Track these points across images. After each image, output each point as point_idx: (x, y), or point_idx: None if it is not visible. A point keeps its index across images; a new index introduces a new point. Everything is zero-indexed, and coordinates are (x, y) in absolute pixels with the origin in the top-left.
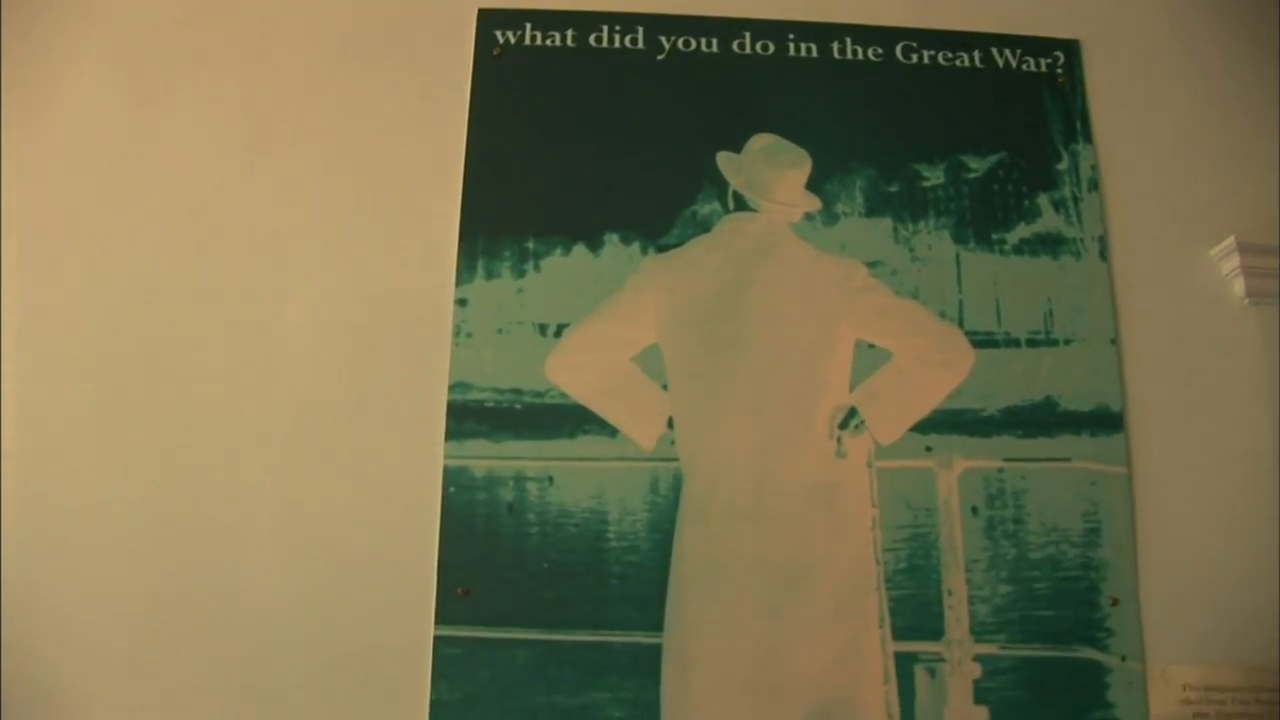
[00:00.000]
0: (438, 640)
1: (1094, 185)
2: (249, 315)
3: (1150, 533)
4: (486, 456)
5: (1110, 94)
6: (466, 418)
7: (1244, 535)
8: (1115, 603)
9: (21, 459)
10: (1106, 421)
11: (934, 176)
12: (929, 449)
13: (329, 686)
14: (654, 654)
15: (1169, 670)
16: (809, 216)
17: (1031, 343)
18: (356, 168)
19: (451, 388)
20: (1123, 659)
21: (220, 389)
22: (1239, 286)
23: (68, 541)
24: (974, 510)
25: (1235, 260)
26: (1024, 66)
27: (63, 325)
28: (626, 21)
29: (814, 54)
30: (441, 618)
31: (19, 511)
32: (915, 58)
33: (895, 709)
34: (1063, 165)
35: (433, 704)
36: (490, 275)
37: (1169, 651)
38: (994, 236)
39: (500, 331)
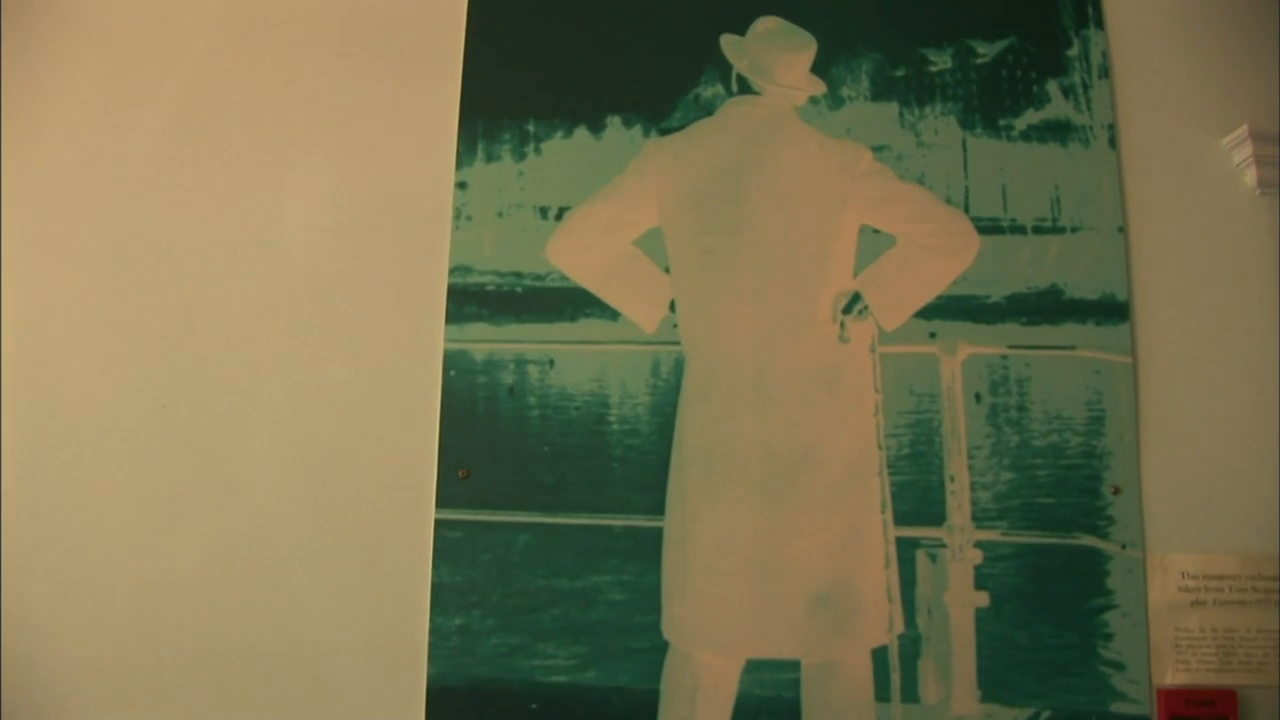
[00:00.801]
0: (439, 524)
1: (1104, 72)
2: (250, 202)
3: (1153, 422)
4: (487, 340)
5: None
6: (467, 301)
7: (1246, 427)
8: (1117, 491)
9: (23, 340)
10: (1112, 310)
11: (941, 61)
12: (933, 335)
13: (331, 570)
14: (655, 537)
15: (1168, 558)
16: (813, 100)
17: (1038, 230)
18: (356, 51)
19: (452, 271)
20: (1123, 547)
21: (222, 276)
22: (1250, 176)
23: (70, 427)
24: (977, 397)
25: (1247, 150)
26: None
27: (65, 211)
28: None
29: None
30: (442, 501)
31: (21, 398)
32: None
33: (896, 594)
34: (1073, 51)
35: (434, 587)
36: (490, 158)
37: (1168, 540)
38: (1001, 123)
39: (500, 215)
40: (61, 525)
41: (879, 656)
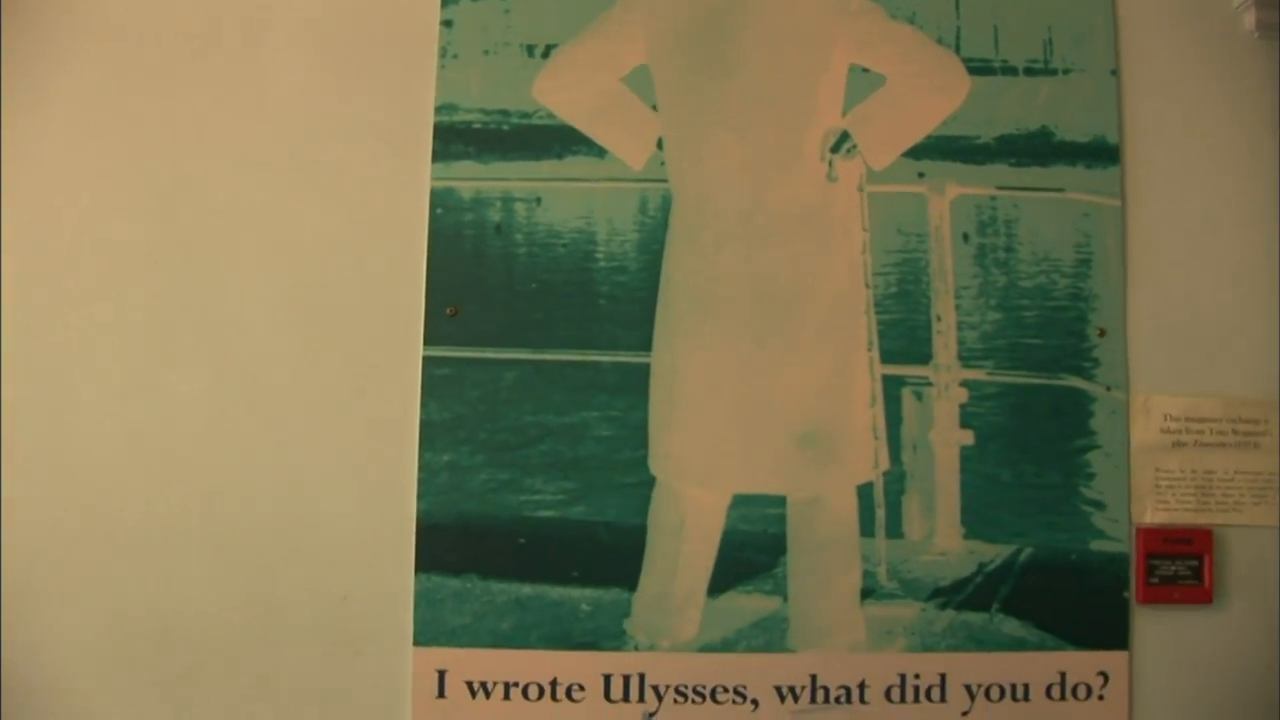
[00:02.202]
0: (427, 360)
1: None
2: (232, 43)
3: (1140, 266)
4: (474, 178)
5: None
6: (453, 139)
7: (1233, 272)
8: (1102, 334)
9: (12, 185)
10: (1103, 153)
11: None
12: (921, 175)
13: (321, 410)
14: (642, 373)
15: (1151, 400)
16: None
17: (1029, 71)
18: None
19: (438, 109)
20: (1107, 389)
21: (205, 119)
22: (1249, 19)
23: (56, 277)
24: (965, 237)
25: None
26: None
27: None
28: None
29: None
30: (430, 338)
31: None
32: None
33: (881, 431)
34: None
35: (423, 424)
36: None
37: (1152, 382)
38: None
39: (487, 53)
40: (52, 378)
41: (864, 493)
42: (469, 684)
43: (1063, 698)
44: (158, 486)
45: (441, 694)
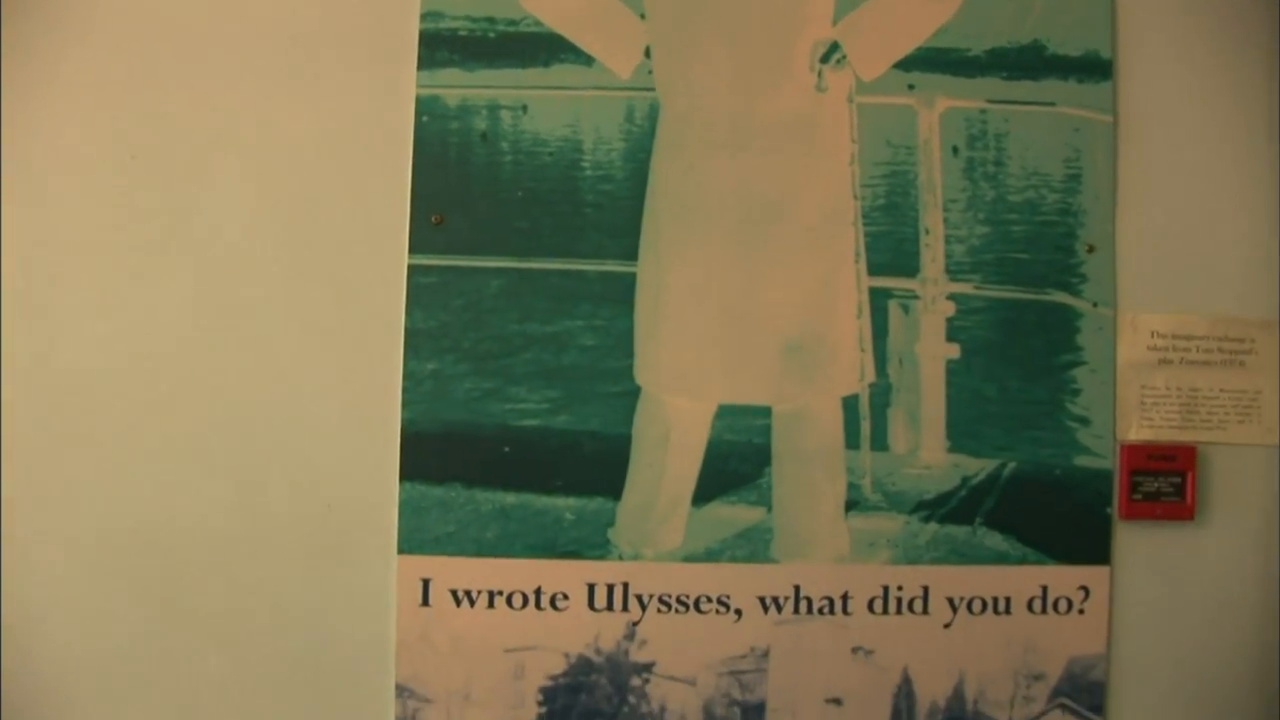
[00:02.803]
0: (412, 269)
1: None
2: None
3: (1131, 182)
4: (459, 85)
5: None
6: (439, 46)
7: (1223, 190)
8: (1091, 250)
9: None
10: (1095, 68)
11: None
12: (911, 87)
13: (305, 318)
14: (628, 283)
15: (1139, 318)
16: None
17: None
18: None
19: (423, 17)
20: (1094, 305)
21: (186, 20)
22: None
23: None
24: (954, 150)
25: None
26: None
27: None
28: None
29: None
30: (415, 246)
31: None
32: None
33: (868, 343)
34: None
35: (408, 332)
36: None
37: (1140, 299)
38: None
39: None
40: (32, 291)
41: (849, 405)
42: (453, 592)
43: (1044, 611)
44: (140, 398)
45: (426, 602)
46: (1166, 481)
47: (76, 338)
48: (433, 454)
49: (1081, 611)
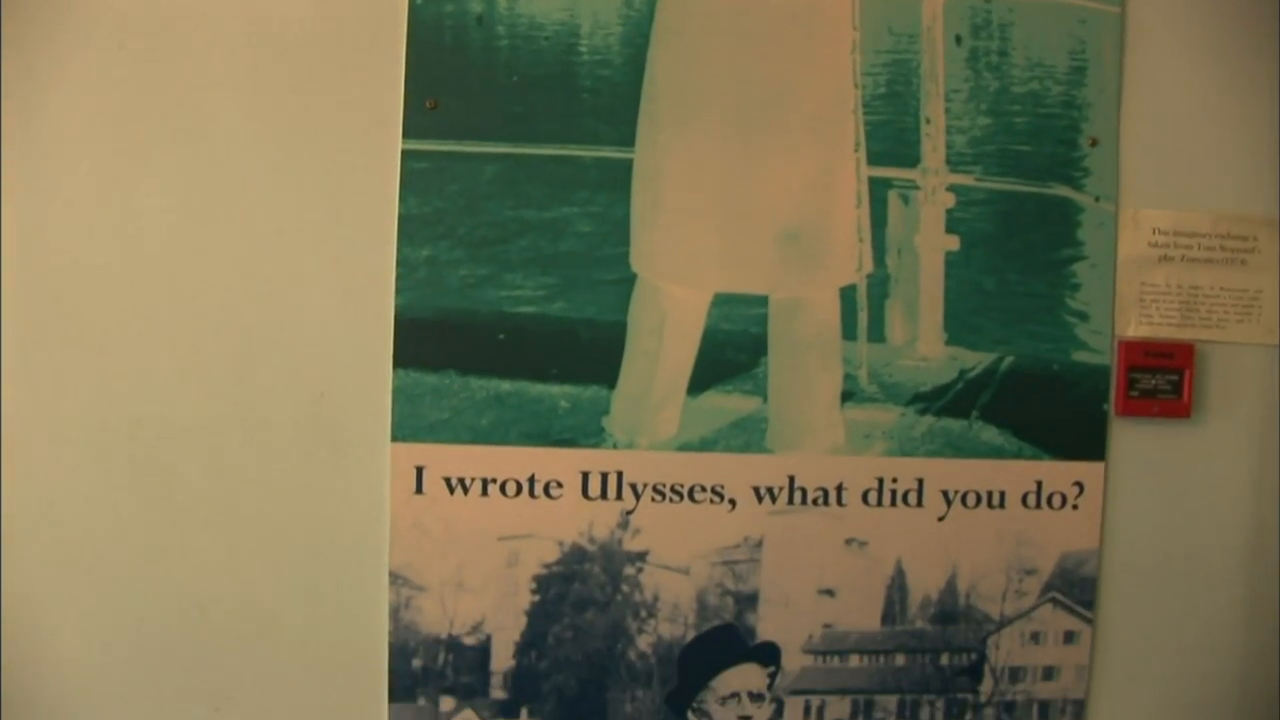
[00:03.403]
0: (405, 154)
1: None
2: None
3: (1137, 76)
4: None
5: None
6: None
7: (1230, 87)
8: (1094, 143)
9: None
10: None
11: None
12: None
13: (296, 203)
14: (624, 169)
15: (1140, 213)
16: None
17: None
18: None
19: None
20: (1096, 199)
21: None
22: None
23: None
24: (957, 40)
25: None
26: None
27: None
28: None
29: None
30: (409, 132)
31: None
32: None
33: (866, 233)
34: None
35: (401, 218)
36: None
37: (1142, 195)
38: None
39: None
40: (22, 183)
41: (847, 296)
42: (447, 480)
43: (1038, 506)
44: (132, 287)
45: (419, 490)
46: (1164, 379)
47: (64, 228)
48: (427, 341)
49: (1075, 507)
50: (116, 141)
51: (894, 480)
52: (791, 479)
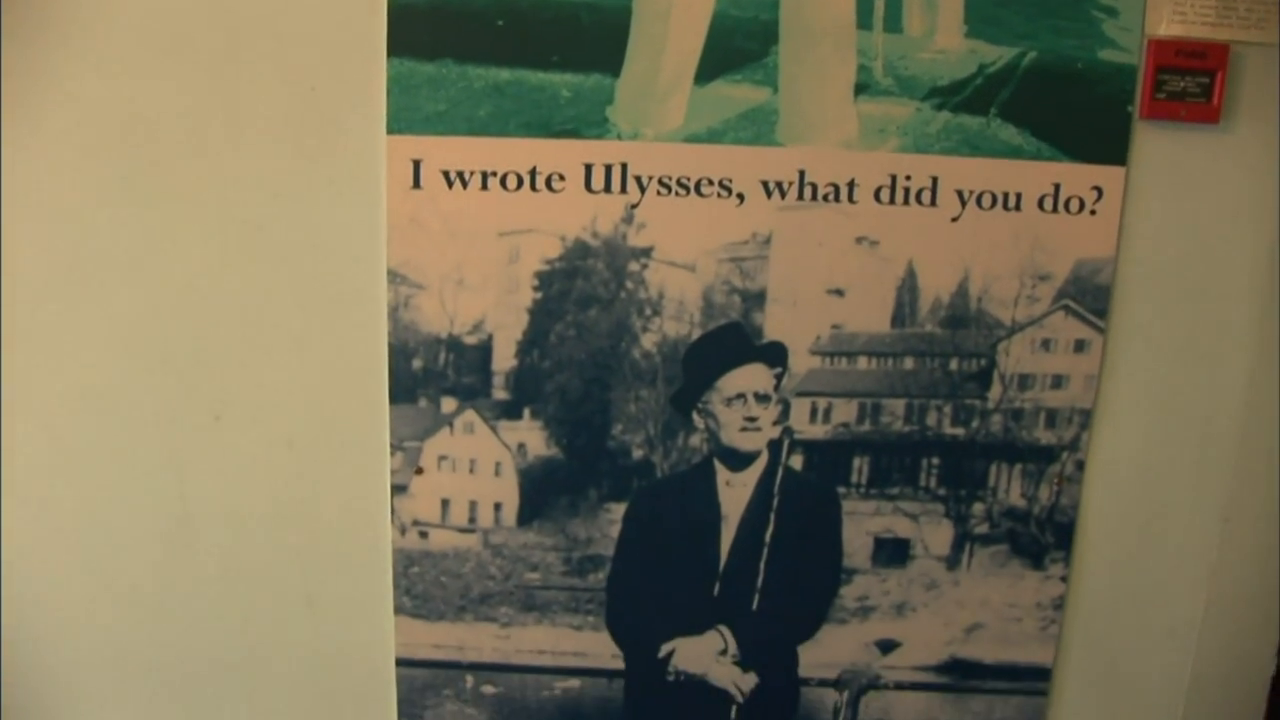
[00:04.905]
0: None
1: None
2: None
3: None
4: None
5: None
6: None
7: None
8: None
9: None
10: None
11: None
12: None
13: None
14: None
15: None
16: None
17: None
18: None
19: None
20: None
21: None
22: None
23: None
24: None
25: None
26: None
27: None
28: None
29: None
30: None
31: None
32: None
33: None
34: None
35: None
36: None
37: None
38: None
39: None
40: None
41: None
42: (445, 173)
43: (1055, 210)
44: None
45: (417, 184)
46: (1194, 81)
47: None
48: (422, 28)
49: (1093, 212)
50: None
51: (907, 178)
52: (802, 173)
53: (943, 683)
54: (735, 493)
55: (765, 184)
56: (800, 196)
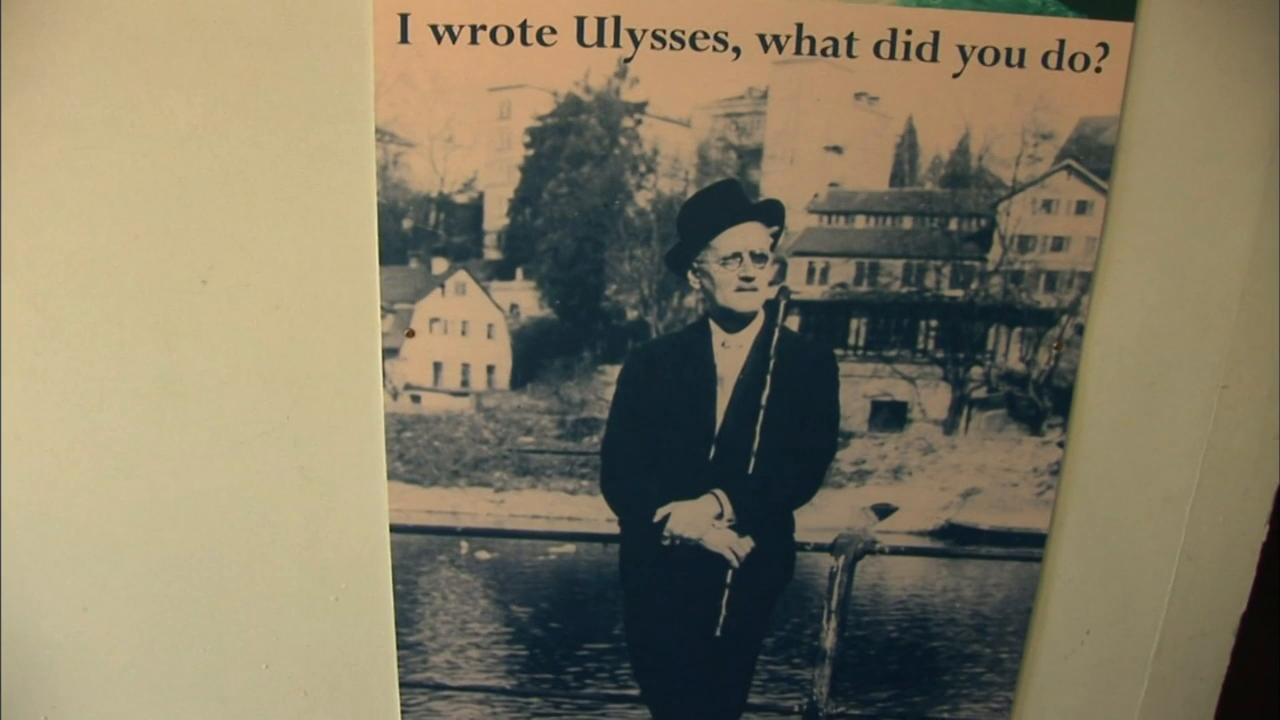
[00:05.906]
0: None
1: None
2: None
3: None
4: None
5: None
6: None
7: None
8: None
9: None
10: None
11: None
12: None
13: None
14: None
15: None
16: None
17: None
18: None
19: None
20: None
21: None
22: None
23: None
24: None
25: None
26: None
27: None
28: None
29: None
30: None
31: None
32: None
33: None
34: None
35: None
36: None
37: None
38: None
39: None
40: None
41: None
42: (433, 27)
43: (1059, 67)
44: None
45: (405, 39)
46: None
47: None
48: None
49: (1099, 70)
50: None
51: (908, 32)
52: (799, 26)
53: (938, 548)
54: (731, 354)
55: (762, 37)
56: (798, 50)
